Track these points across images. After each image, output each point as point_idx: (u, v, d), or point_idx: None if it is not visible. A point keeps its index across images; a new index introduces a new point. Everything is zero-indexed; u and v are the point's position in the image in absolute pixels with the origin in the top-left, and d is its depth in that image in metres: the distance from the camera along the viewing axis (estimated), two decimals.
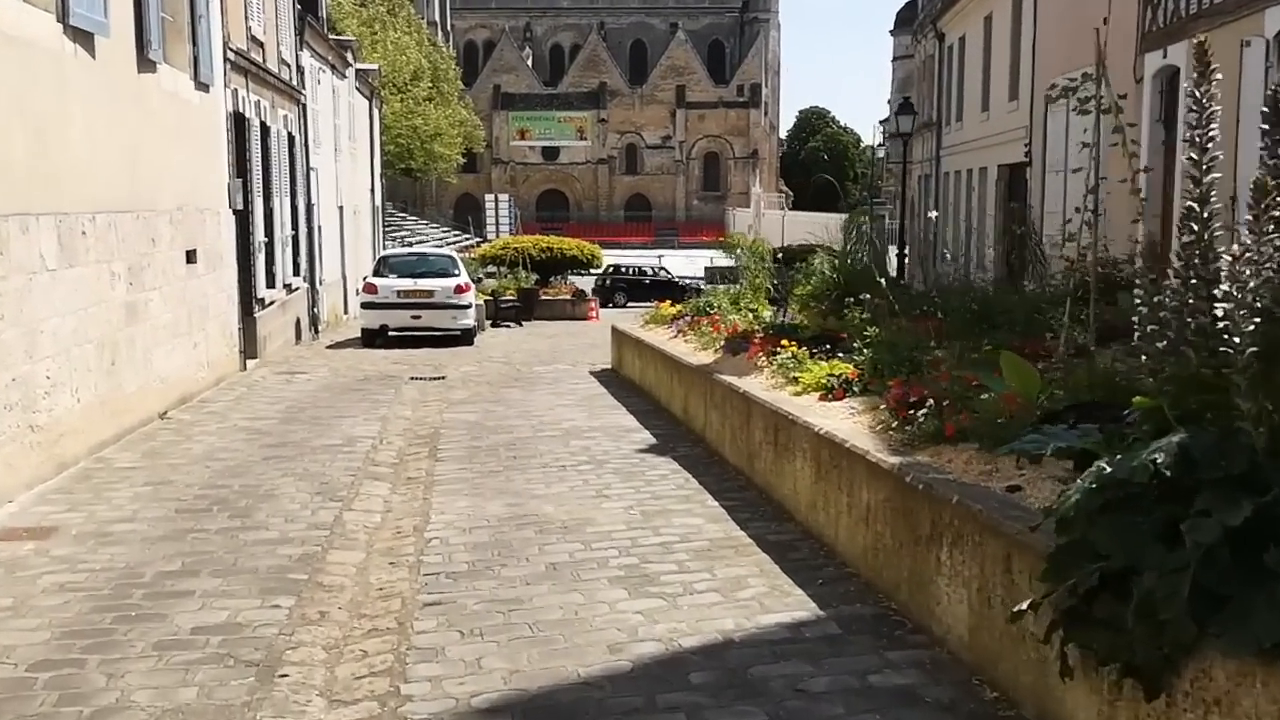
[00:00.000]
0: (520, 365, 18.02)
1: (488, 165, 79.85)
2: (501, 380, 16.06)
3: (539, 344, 22.07)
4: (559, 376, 16.30)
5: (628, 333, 15.45)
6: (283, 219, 20.34)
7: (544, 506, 8.41)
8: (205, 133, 15.19)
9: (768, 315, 13.10)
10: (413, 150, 56.58)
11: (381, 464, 10.28)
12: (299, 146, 22.37)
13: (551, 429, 11.79)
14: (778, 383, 9.25)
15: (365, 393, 14.77)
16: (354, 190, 30.80)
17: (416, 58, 55.44)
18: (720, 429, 9.96)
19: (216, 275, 15.35)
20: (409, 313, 21.03)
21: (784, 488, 7.98)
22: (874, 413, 7.40)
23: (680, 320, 14.24)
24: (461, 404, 13.80)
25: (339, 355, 19.70)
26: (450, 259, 22.89)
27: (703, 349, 12.25)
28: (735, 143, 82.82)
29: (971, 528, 5.01)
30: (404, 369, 17.58)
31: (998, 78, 28.54)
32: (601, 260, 32.83)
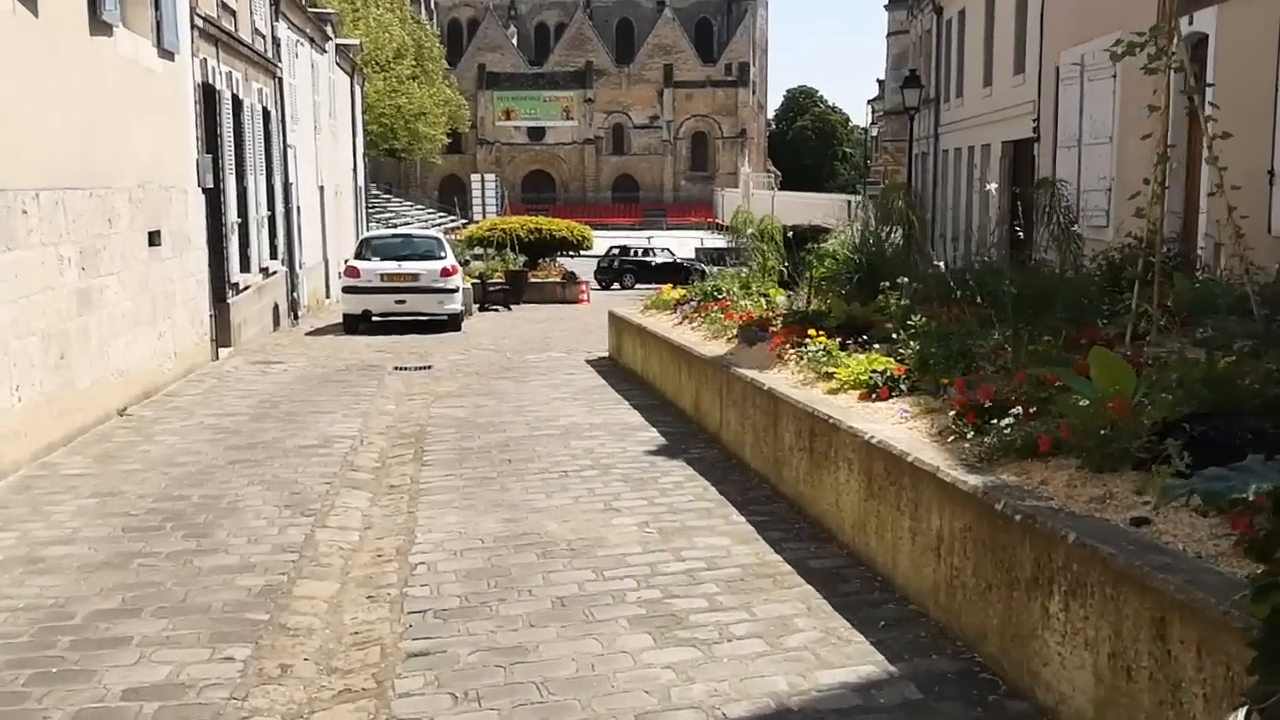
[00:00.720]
0: (511, 353, 16.91)
1: (473, 146, 78.42)
2: (492, 370, 14.95)
3: (530, 329, 20.96)
4: (553, 366, 15.20)
5: (627, 319, 14.35)
6: (258, 199, 19.16)
7: (546, 523, 7.32)
8: (170, 104, 14.00)
9: (782, 300, 12.01)
10: (396, 130, 55.31)
11: (361, 469, 9.18)
12: (275, 122, 21.16)
13: (549, 426, 10.70)
14: (807, 378, 8.18)
15: (346, 385, 13.66)
16: (335, 170, 29.58)
17: (399, 35, 54.11)
18: (739, 429, 8.89)
19: (184, 258, 14.19)
20: (393, 297, 19.88)
21: (822, 502, 6.92)
22: (932, 417, 6.33)
23: (685, 305, 13.15)
24: (449, 397, 12.70)
25: (319, 343, 18.56)
26: (436, 241, 21.71)
27: (713, 338, 11.16)
28: (723, 122, 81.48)
29: (1099, 576, 3.95)
30: (388, 358, 16.45)
31: (1001, 51, 27.45)
32: (592, 241, 31.66)
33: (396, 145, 56.86)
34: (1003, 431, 5.34)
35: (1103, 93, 19.65)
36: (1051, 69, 22.70)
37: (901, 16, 40.21)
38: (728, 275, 13.51)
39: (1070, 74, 21.67)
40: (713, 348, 10.63)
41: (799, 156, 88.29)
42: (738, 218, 14.27)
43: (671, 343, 11.62)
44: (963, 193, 32.24)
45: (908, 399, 6.90)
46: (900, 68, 40.85)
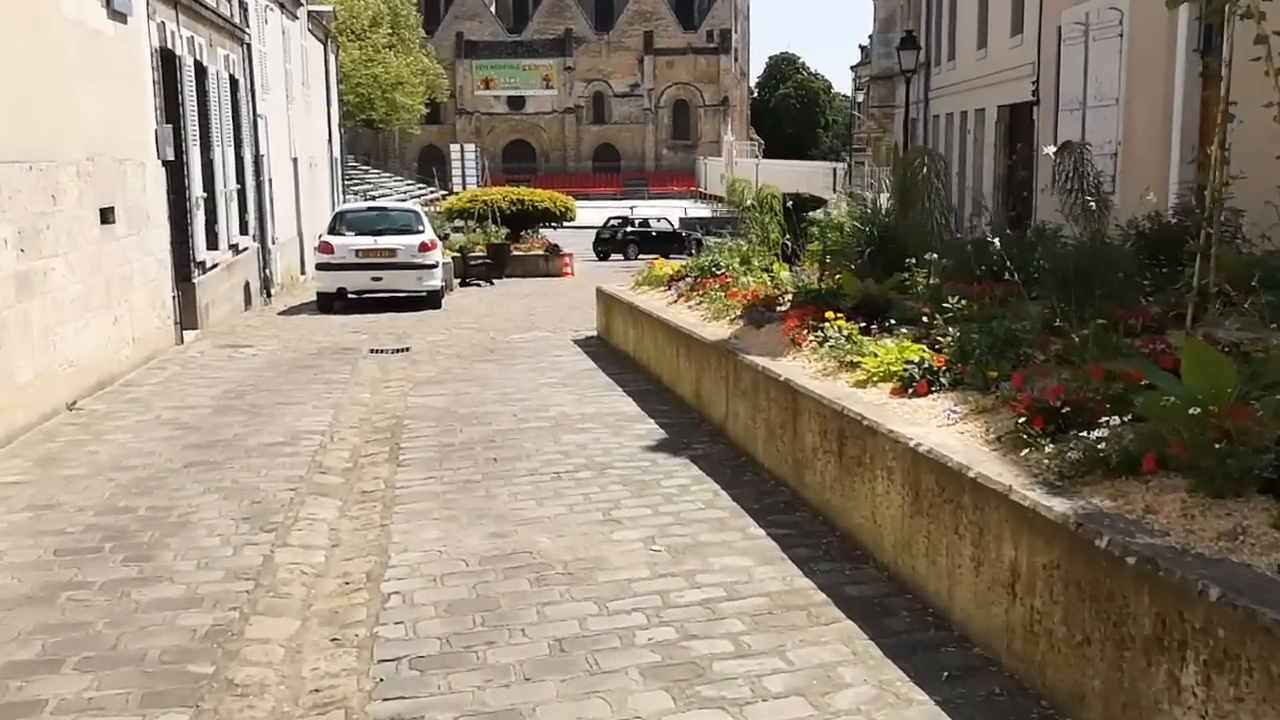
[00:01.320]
0: (494, 333, 15.94)
1: (452, 116, 76.96)
2: (474, 352, 13.99)
3: (513, 306, 19.98)
4: (540, 347, 14.25)
5: (617, 296, 13.40)
6: (225, 172, 18.10)
7: (538, 538, 6.41)
8: (123, 70, 12.93)
9: (786, 276, 11.09)
10: (373, 100, 54.01)
11: (331, 471, 8.24)
12: (244, 91, 20.06)
13: (537, 418, 9.76)
14: (827, 368, 7.26)
15: (318, 370, 12.69)
16: (309, 141, 28.44)
17: (375, 3, 52.77)
18: (749, 423, 7.98)
19: (142, 237, 13.17)
20: (369, 274, 18.85)
21: (855, 514, 6.02)
22: (985, 419, 5.44)
23: (680, 282, 12.22)
24: (429, 384, 11.75)
25: (291, 323, 17.55)
26: (414, 214, 20.65)
27: (714, 318, 10.24)
28: (705, 90, 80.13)
29: (1259, 649, 3.06)
30: (363, 339, 15.47)
31: (998, 12, 26.47)
32: (575, 213, 30.60)
33: (374, 116, 55.56)
34: (1092, 444, 4.43)
35: (1108, 53, 18.68)
36: (1053, 29, 21.73)
37: None
38: (725, 249, 12.56)
39: (1073, 34, 20.72)
40: (714, 330, 9.70)
41: (782, 124, 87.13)
42: (734, 187, 13.32)
43: (668, 324, 10.68)
44: (955, 159, 31.23)
45: (951, 395, 6.00)
46: (888, 31, 39.81)
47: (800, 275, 11.16)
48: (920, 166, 8.96)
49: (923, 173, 8.88)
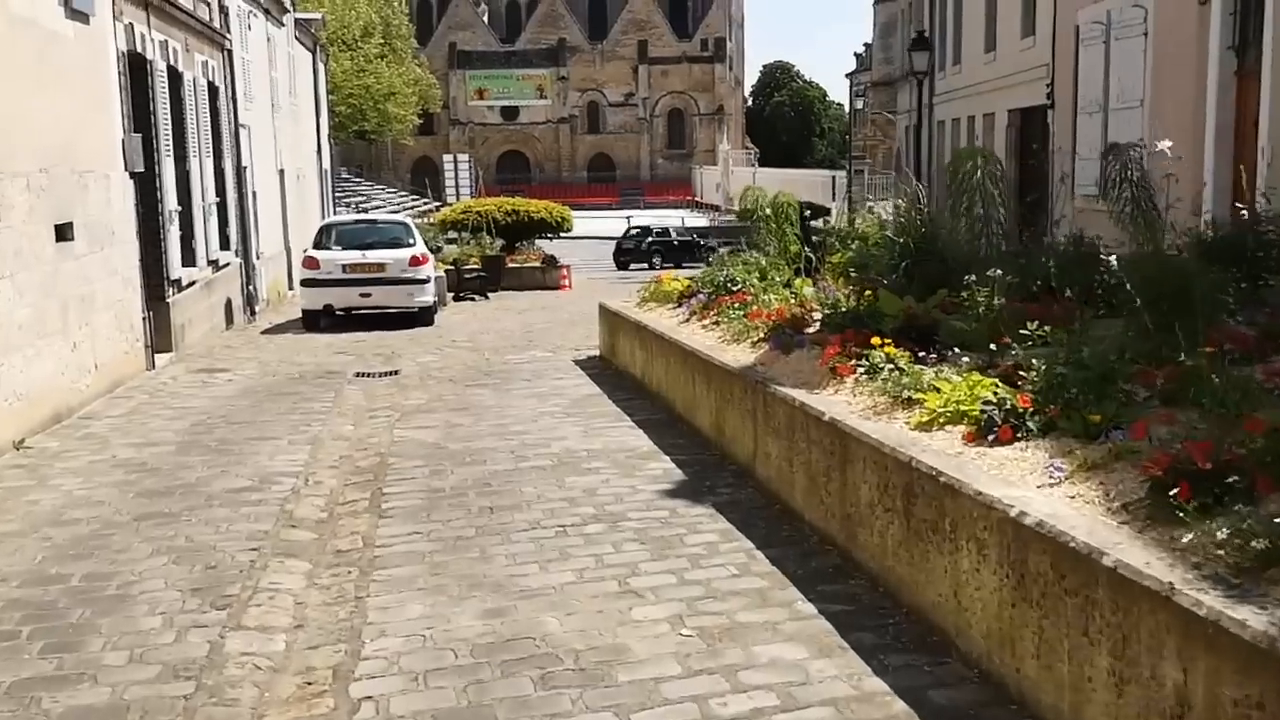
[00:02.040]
0: (490, 352, 14.82)
1: (445, 127, 75.81)
2: (468, 375, 12.87)
3: (509, 322, 18.87)
4: (539, 369, 13.13)
5: (623, 314, 12.29)
6: (204, 184, 16.98)
7: (543, 617, 5.29)
8: (84, 75, 11.83)
9: (810, 293, 10.00)
10: (365, 111, 52.98)
11: (302, 523, 7.11)
12: (225, 99, 18.96)
13: (538, 454, 8.64)
14: (878, 405, 6.16)
15: (297, 398, 11.56)
16: (297, 152, 27.35)
17: (366, 12, 51.76)
18: (784, 466, 6.88)
19: (106, 255, 12.05)
20: (357, 290, 17.73)
21: (929, 589, 4.91)
22: (1102, 479, 4.33)
23: (692, 299, 11.10)
24: (418, 413, 10.63)
25: (274, 343, 16.42)
26: (404, 226, 19.52)
27: (734, 341, 9.13)
28: (700, 99, 79.02)
29: None
30: (349, 361, 14.35)
31: (1008, 13, 25.46)
32: (572, 223, 29.47)
33: (366, 127, 54.54)
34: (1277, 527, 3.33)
35: (1132, 53, 17.60)
36: (1069, 29, 20.71)
37: None
38: (739, 262, 11.46)
39: (1092, 33, 19.69)
40: (736, 355, 8.60)
41: (776, 133, 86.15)
42: (748, 195, 12.21)
43: (682, 347, 9.57)
44: None
45: (1044, 444, 4.90)
46: (888, 37, 38.86)
47: (825, 292, 10.07)
48: (973, 170, 7.86)
49: (975, 176, 7.78)
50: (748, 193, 12.08)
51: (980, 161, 8.04)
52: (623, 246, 36.61)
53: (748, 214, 12.00)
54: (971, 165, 7.93)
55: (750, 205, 11.76)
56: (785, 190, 44.14)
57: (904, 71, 36.88)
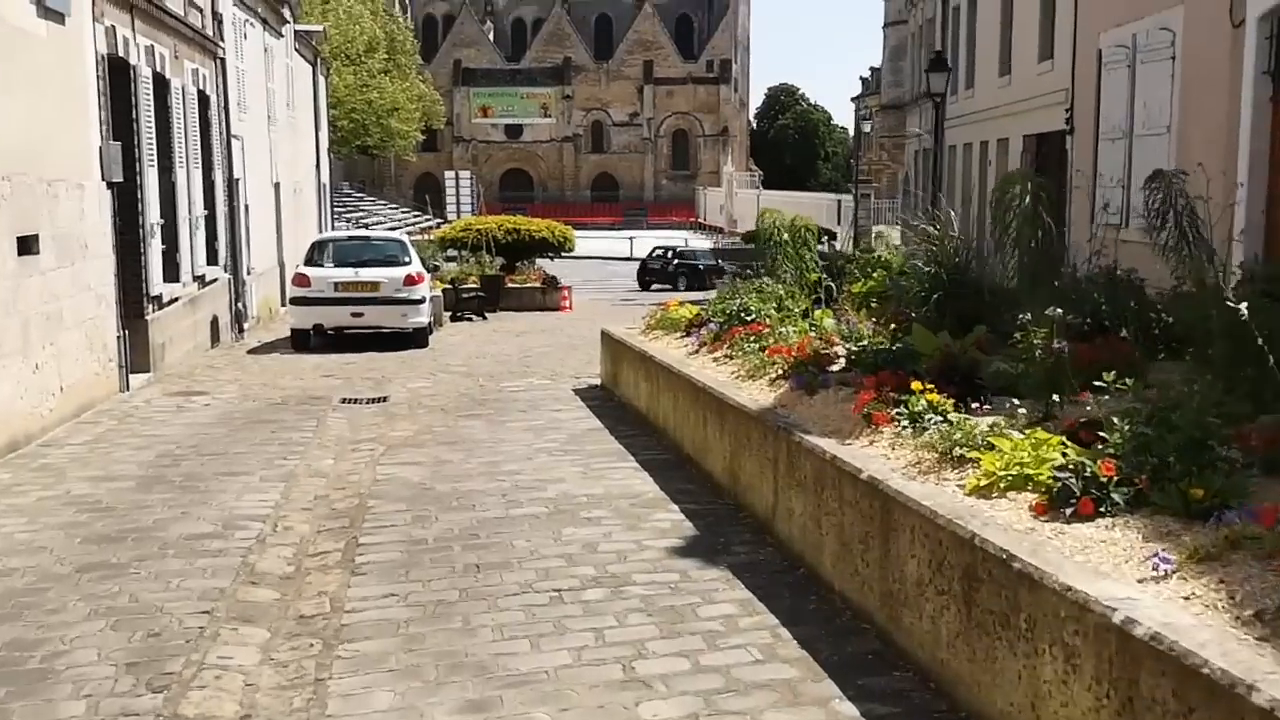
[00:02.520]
0: (485, 379, 14.00)
1: (449, 144, 75.10)
2: (460, 404, 12.05)
3: (507, 345, 18.05)
4: (536, 398, 12.30)
5: (627, 342, 11.47)
6: (191, 196, 16.19)
7: (534, 714, 4.46)
8: (57, 78, 11.04)
9: (831, 325, 9.19)
10: (368, 126, 52.36)
11: (264, 579, 6.28)
12: (216, 109, 18.20)
13: (532, 500, 7.81)
14: (923, 461, 5.34)
15: (277, 426, 10.73)
16: (295, 165, 26.60)
17: (371, 27, 51.18)
18: (810, 526, 6.05)
19: (77, 269, 11.25)
20: (348, 309, 16.91)
21: (996, 695, 4.07)
22: (1215, 572, 3.51)
23: (702, 329, 10.29)
24: (405, 447, 9.80)
25: (260, 364, 15.59)
26: (400, 244, 18.70)
27: (749, 377, 8.31)
28: (705, 120, 78.34)
29: None
30: (337, 384, 13.53)
31: (1024, 36, 24.75)
32: (574, 243, 28.67)
33: (369, 142, 53.90)
34: None
35: (1159, 77, 16.84)
36: (1090, 53, 20.00)
37: (900, 6, 37.47)
38: (753, 289, 10.65)
39: (1116, 57, 18.97)
40: (753, 394, 7.78)
41: (781, 155, 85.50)
42: (764, 218, 11.41)
43: (692, 382, 8.74)
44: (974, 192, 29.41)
45: (1136, 522, 4.08)
46: (898, 60, 38.20)
47: (847, 324, 9.27)
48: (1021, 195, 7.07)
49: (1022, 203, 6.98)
50: (764, 216, 11.29)
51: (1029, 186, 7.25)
52: (648, 267, 35.86)
53: (763, 238, 11.21)
54: (1021, 190, 7.13)
55: (766, 229, 10.96)
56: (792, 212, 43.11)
57: (914, 95, 36.21)
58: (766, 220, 11.02)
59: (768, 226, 10.91)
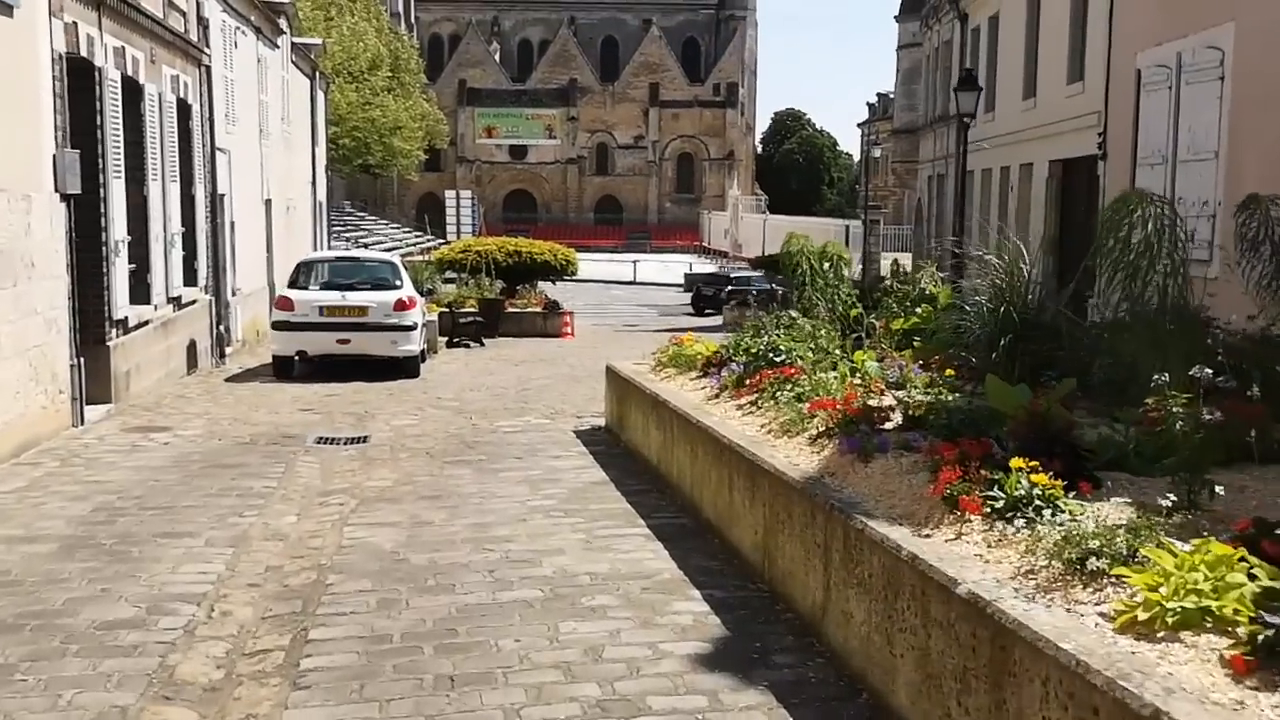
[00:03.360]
0: (478, 415, 12.65)
1: (452, 164, 73.95)
2: (449, 446, 10.69)
3: (504, 375, 16.72)
4: (534, 442, 10.94)
5: (635, 381, 10.12)
6: (167, 211, 14.90)
7: None
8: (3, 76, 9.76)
9: (875, 369, 7.85)
10: (370, 144, 51.18)
11: (182, 693, 4.90)
12: (199, 120, 16.92)
13: (524, 580, 6.43)
14: (1037, 569, 3.98)
15: (239, 472, 9.38)
16: (288, 182, 25.34)
17: (375, 44, 50.06)
18: (877, 640, 4.68)
19: (19, 291, 9.92)
20: (334, 335, 15.58)
21: None
22: None
23: (722, 369, 8.94)
24: (380, 502, 8.45)
25: (236, 394, 14.25)
26: (391, 266, 17.35)
27: (783, 432, 6.96)
28: (710, 144, 77.14)
29: None
30: (315, 420, 12.19)
31: (1051, 58, 23.51)
32: (577, 266, 27.36)
33: (370, 161, 52.71)
34: None
35: (1205, 98, 15.50)
36: (1126, 74, 18.73)
37: (914, 28, 36.28)
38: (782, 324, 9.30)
39: (1156, 78, 17.68)
40: (791, 455, 6.43)
41: (786, 180, 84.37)
42: (791, 243, 10.08)
43: (715, 436, 7.39)
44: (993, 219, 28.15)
45: None
46: (911, 83, 37.00)
47: (893, 369, 7.93)
48: (1141, 222, 5.73)
49: (1143, 231, 5.65)
50: (790, 241, 9.96)
51: (1150, 208, 5.91)
52: (701, 293, 35.30)
53: (789, 266, 9.87)
54: (1139, 215, 5.79)
55: (792, 255, 9.64)
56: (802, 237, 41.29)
57: (928, 119, 35.03)
58: (793, 245, 9.68)
59: (794, 253, 9.56)
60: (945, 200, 33.05)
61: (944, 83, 33.67)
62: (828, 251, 9.69)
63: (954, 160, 32.12)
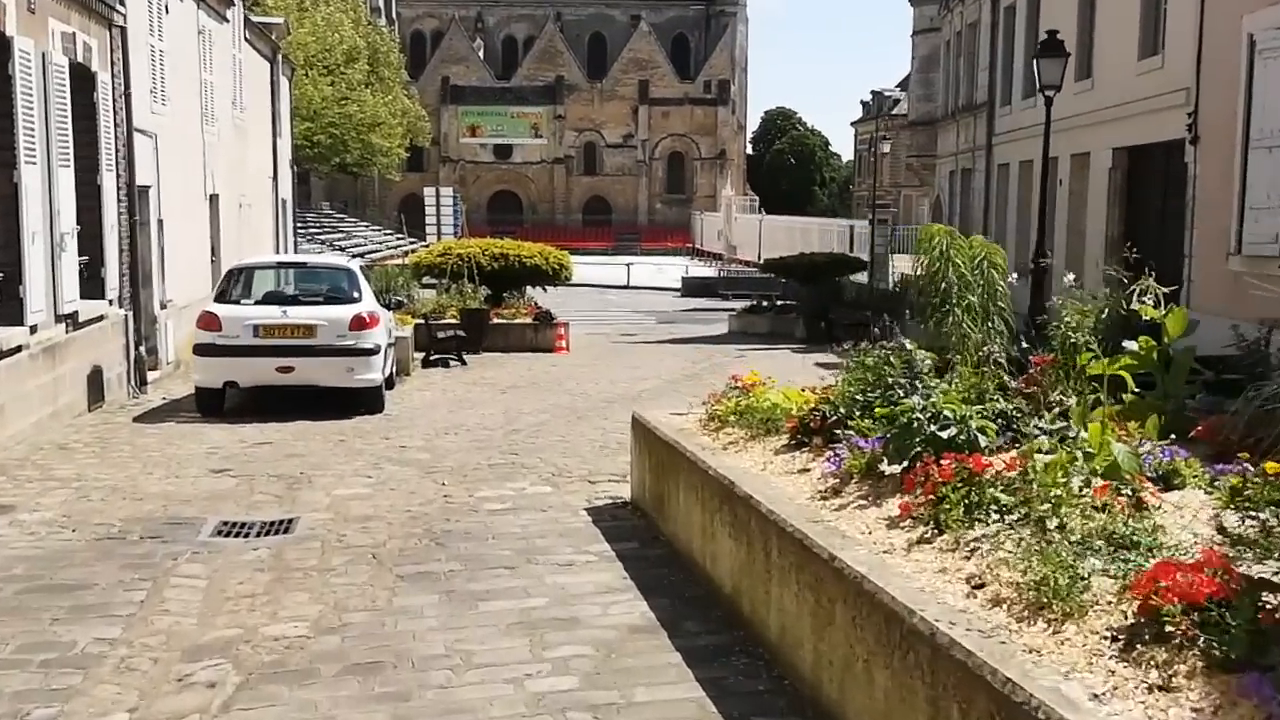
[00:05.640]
0: (452, 477, 9.13)
1: (436, 164, 70.10)
2: (407, 544, 7.14)
3: (489, 408, 13.17)
4: (530, 532, 7.38)
5: (686, 453, 6.56)
6: (54, 205, 11.35)
7: None
8: None
9: (1124, 457, 4.38)
10: (347, 141, 47.53)
11: None
12: (109, 92, 13.36)
13: None
14: None
15: (68, 608, 5.81)
16: (242, 176, 21.76)
17: (352, 36, 46.44)
18: None
19: None
20: (273, 362, 12.00)
21: None
22: None
23: (833, 442, 5.42)
24: (275, 683, 4.92)
25: (136, 442, 10.68)
26: (347, 274, 13.45)
27: (1037, 609, 3.46)
28: (702, 142, 73.42)
29: None
30: (227, 488, 8.64)
31: (1115, 30, 20.13)
32: (571, 270, 23.81)
33: (348, 159, 49.05)
34: None
35: None
36: (1229, 41, 15.36)
37: (931, 12, 32.88)
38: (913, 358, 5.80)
39: (1275, 42, 14.33)
40: (1048, 643, 2.96)
41: (777, 181, 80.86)
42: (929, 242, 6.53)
43: (907, 621, 3.86)
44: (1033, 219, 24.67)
45: None
46: (928, 71, 33.60)
47: (1146, 452, 4.45)
48: None
49: None
50: (929, 233, 6.45)
51: None
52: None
53: (933, 273, 6.32)
54: None
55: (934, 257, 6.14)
56: (801, 241, 37.57)
57: (949, 109, 31.70)
58: (933, 244, 6.19)
59: (937, 256, 6.08)
60: (971, 197, 29.66)
61: (968, 69, 30.33)
62: (973, 250, 6.21)
63: (983, 153, 28.74)
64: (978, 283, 6.06)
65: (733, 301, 32.46)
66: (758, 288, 31.51)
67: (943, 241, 6.20)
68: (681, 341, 24.21)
